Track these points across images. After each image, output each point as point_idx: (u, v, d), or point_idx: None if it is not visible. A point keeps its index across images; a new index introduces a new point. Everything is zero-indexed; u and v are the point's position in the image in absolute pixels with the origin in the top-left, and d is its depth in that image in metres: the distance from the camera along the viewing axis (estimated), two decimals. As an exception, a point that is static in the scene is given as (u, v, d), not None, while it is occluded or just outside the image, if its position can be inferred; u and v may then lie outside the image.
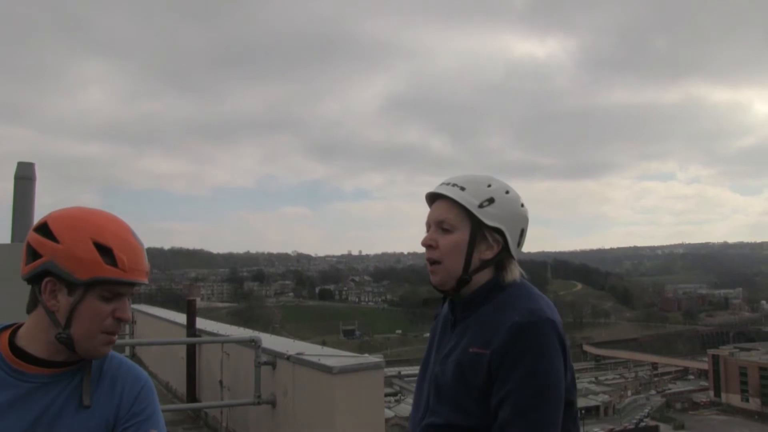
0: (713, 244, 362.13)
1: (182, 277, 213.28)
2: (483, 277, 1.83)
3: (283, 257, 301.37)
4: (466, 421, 1.74)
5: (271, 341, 4.82)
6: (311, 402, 3.94)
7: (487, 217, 1.80)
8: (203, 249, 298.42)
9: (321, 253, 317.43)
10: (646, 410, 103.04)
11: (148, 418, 1.48)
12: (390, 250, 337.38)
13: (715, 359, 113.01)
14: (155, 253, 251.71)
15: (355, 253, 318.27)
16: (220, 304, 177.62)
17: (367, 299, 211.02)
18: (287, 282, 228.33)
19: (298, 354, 4.11)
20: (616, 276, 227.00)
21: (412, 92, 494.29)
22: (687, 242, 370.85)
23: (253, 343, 4.52)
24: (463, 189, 1.82)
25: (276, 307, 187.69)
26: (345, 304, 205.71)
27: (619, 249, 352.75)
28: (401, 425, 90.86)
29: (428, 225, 1.87)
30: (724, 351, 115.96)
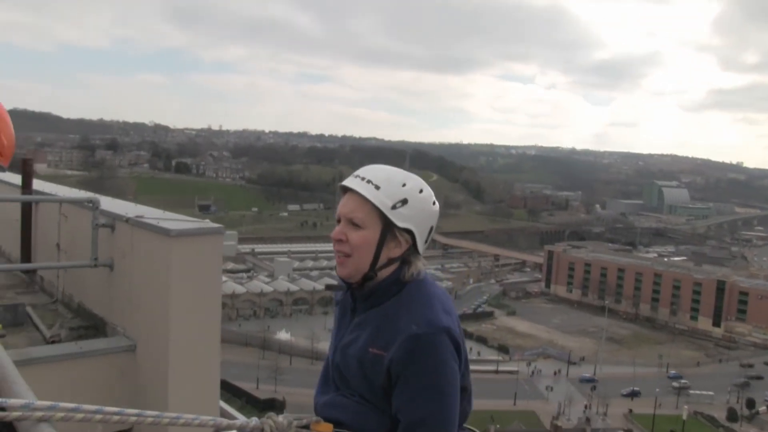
0: (562, 148, 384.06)
1: (26, 142, 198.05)
2: (387, 272, 1.90)
3: (139, 127, 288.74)
4: (374, 412, 1.87)
5: (110, 204, 4.66)
6: (148, 265, 3.91)
7: (399, 218, 1.85)
8: (51, 113, 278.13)
9: (179, 125, 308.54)
10: (485, 297, 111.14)
11: None
12: (251, 126, 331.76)
13: (550, 254, 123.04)
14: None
15: (215, 127, 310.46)
16: (69, 172, 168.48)
17: (224, 175, 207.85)
18: (142, 153, 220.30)
19: (137, 216, 4.02)
20: (470, 170, 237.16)
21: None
22: (539, 144, 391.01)
23: (91, 204, 4.36)
24: (378, 188, 1.84)
25: (130, 178, 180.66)
26: (202, 178, 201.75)
27: (475, 145, 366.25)
28: (252, 301, 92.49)
29: (339, 217, 1.91)
30: (558, 248, 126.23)
